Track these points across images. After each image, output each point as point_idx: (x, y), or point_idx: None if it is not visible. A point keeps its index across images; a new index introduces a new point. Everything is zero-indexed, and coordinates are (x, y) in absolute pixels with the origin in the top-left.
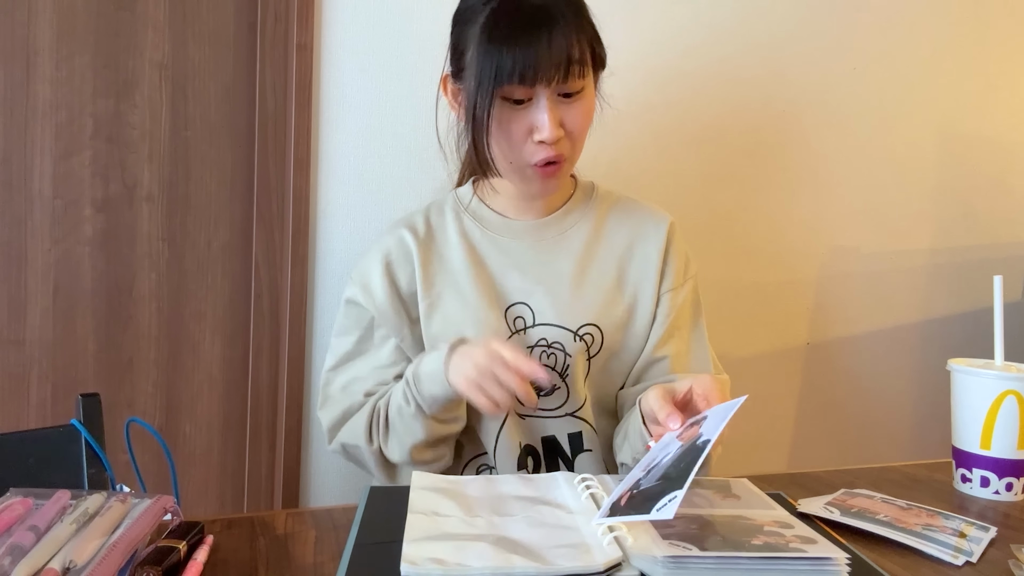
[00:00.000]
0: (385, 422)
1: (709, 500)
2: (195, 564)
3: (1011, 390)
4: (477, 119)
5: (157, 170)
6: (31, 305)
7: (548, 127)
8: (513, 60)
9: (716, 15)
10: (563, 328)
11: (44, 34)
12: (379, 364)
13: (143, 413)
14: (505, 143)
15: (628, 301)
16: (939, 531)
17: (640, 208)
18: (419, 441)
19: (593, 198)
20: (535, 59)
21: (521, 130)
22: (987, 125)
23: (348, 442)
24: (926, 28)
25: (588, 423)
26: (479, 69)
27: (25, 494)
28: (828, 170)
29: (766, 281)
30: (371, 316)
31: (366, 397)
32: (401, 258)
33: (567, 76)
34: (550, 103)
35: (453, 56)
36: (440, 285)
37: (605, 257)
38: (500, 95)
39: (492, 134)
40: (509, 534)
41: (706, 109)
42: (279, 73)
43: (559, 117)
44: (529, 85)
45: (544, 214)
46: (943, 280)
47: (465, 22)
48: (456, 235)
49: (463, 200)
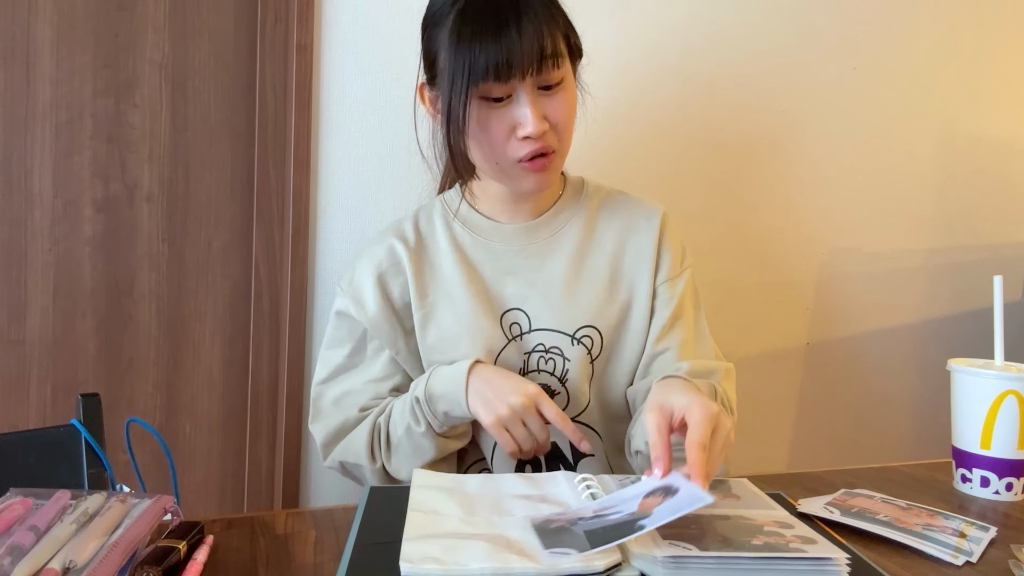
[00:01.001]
0: (387, 440)
1: None
2: (195, 564)
3: (1011, 390)
4: (453, 121)
5: (157, 170)
6: (31, 305)
7: (532, 121)
8: (486, 56)
9: (716, 15)
10: (560, 332)
11: (44, 34)
12: (372, 377)
13: (143, 413)
14: (487, 144)
15: (624, 298)
16: (939, 531)
17: (631, 201)
18: (428, 459)
19: (583, 194)
20: (508, 53)
21: (503, 129)
22: (987, 125)
23: (347, 460)
24: (926, 28)
25: (592, 428)
26: (452, 71)
27: (25, 494)
28: (828, 170)
29: (766, 281)
30: (363, 328)
31: (361, 412)
32: (392, 269)
33: (542, 68)
34: (530, 97)
35: (426, 62)
36: (434, 294)
37: (598, 255)
38: (477, 95)
39: (472, 136)
40: (509, 533)
41: (706, 109)
42: (279, 73)
43: (541, 110)
44: (505, 81)
45: (534, 215)
46: (943, 280)
47: (434, 26)
48: (447, 242)
49: (451, 205)
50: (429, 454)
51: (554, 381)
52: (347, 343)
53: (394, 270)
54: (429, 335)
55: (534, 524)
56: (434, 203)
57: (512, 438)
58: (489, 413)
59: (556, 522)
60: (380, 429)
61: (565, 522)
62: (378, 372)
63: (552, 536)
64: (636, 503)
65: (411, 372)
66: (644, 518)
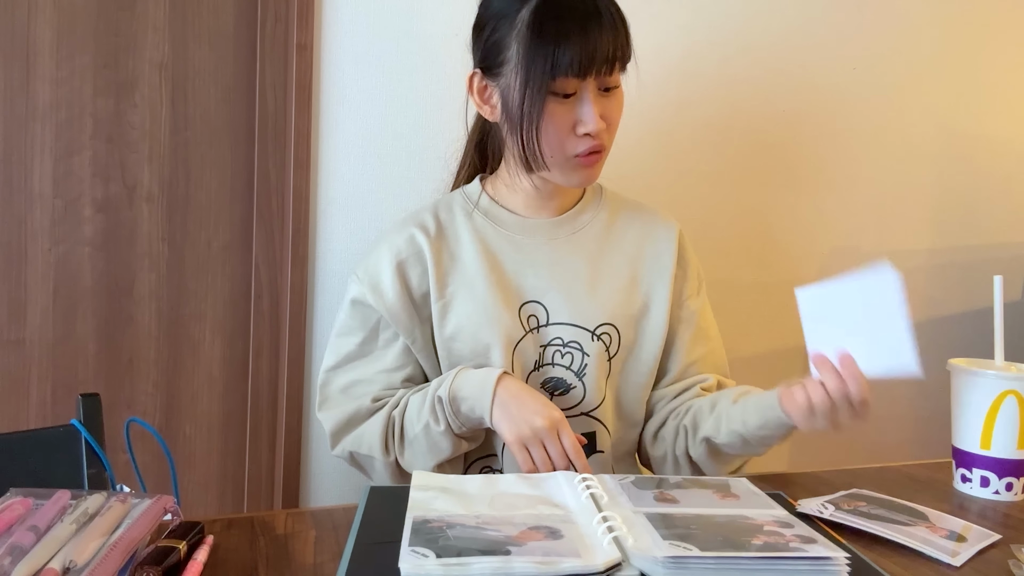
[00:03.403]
0: (402, 435)
1: (709, 500)
2: (195, 564)
3: (1011, 390)
4: (526, 114)
5: (157, 170)
6: (31, 305)
7: (594, 119)
8: (570, 52)
9: (716, 16)
10: (580, 327)
11: (44, 34)
12: (384, 367)
13: (143, 413)
14: (552, 136)
15: (642, 300)
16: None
17: (647, 210)
18: (444, 458)
19: (603, 198)
20: (590, 52)
21: (566, 124)
22: (987, 125)
23: (359, 451)
24: (926, 28)
25: (603, 424)
26: (528, 64)
27: (25, 494)
28: (828, 170)
29: (766, 281)
30: (378, 317)
31: (374, 403)
32: (413, 257)
33: (613, 69)
34: (594, 96)
35: (486, 54)
36: (454, 285)
37: (617, 256)
38: (550, 89)
39: (540, 128)
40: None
41: (706, 109)
42: (279, 73)
43: (601, 110)
44: (582, 78)
45: (557, 213)
46: (943, 280)
47: (500, 18)
48: (468, 233)
49: (472, 198)
50: (445, 453)
51: (570, 375)
52: (359, 331)
53: (414, 259)
54: (448, 325)
55: (414, 521)
56: (453, 196)
57: (530, 458)
58: (512, 430)
59: (435, 523)
60: (395, 422)
61: (444, 524)
62: (390, 362)
63: (421, 535)
64: (517, 530)
65: (424, 363)
66: (515, 546)
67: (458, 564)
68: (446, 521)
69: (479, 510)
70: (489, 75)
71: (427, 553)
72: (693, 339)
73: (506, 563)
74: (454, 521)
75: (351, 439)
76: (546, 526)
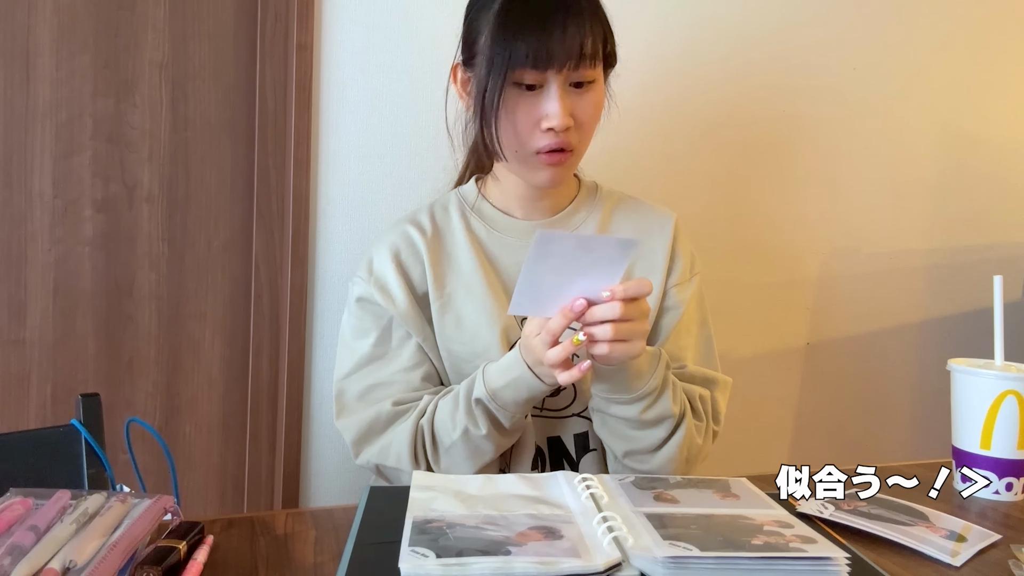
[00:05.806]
0: (434, 444)
1: (709, 500)
2: (195, 564)
3: (1011, 390)
4: (487, 103)
5: (157, 170)
6: (31, 305)
7: (558, 114)
8: (527, 44)
9: (716, 15)
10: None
11: (44, 34)
12: (402, 366)
13: (143, 413)
14: (512, 130)
15: None
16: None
17: (644, 207)
18: (486, 461)
19: (598, 196)
20: (548, 44)
21: (530, 117)
22: (987, 125)
23: (386, 464)
24: (926, 28)
25: None
26: (491, 53)
27: (25, 494)
28: (828, 170)
29: (766, 281)
30: (390, 316)
31: (395, 407)
32: (411, 256)
33: (579, 64)
34: (561, 91)
35: (465, 44)
36: (451, 285)
37: None
38: (512, 80)
39: (500, 120)
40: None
41: (706, 109)
42: (279, 73)
43: (569, 106)
44: (541, 70)
45: (550, 213)
46: (943, 280)
47: (479, 9)
48: (463, 234)
49: (467, 199)
50: (488, 455)
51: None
52: (373, 331)
53: (412, 258)
54: (447, 325)
55: (414, 521)
56: (449, 196)
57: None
58: (550, 357)
59: (435, 523)
60: (423, 431)
61: (444, 524)
62: (407, 361)
63: (421, 536)
64: (517, 530)
65: (436, 361)
66: (515, 546)
67: (458, 564)
68: (446, 521)
69: (479, 510)
70: (467, 65)
71: (427, 553)
72: (676, 329)
73: (506, 563)
74: (454, 521)
75: (376, 451)
76: (546, 526)
